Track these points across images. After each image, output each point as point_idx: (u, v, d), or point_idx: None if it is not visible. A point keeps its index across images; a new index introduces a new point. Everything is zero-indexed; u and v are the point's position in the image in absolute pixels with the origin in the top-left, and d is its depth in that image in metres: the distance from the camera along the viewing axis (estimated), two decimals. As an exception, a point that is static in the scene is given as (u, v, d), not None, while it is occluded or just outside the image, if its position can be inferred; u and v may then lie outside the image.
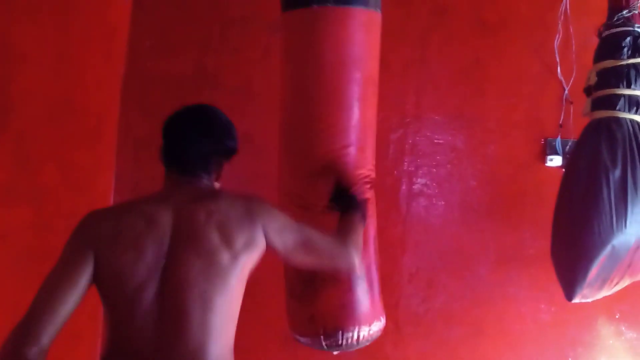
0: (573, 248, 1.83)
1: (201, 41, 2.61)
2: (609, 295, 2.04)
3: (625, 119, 1.77)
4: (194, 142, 1.34)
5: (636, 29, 1.78)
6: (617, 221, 1.75)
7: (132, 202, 1.35)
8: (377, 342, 2.58)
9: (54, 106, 2.07)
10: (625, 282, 1.95)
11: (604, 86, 1.81)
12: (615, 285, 1.93)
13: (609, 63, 1.80)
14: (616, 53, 1.77)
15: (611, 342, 2.59)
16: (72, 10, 2.15)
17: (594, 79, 1.83)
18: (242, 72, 2.60)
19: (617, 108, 1.77)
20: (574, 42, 2.45)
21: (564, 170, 2.06)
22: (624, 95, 1.77)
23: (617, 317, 2.58)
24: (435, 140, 2.60)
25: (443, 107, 2.61)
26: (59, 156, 2.08)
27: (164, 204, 1.28)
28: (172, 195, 1.31)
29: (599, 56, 1.84)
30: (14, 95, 1.87)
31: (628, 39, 1.76)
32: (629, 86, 1.76)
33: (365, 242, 1.58)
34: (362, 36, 1.59)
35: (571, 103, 2.51)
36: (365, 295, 1.59)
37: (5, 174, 1.85)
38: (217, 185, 1.40)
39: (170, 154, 1.35)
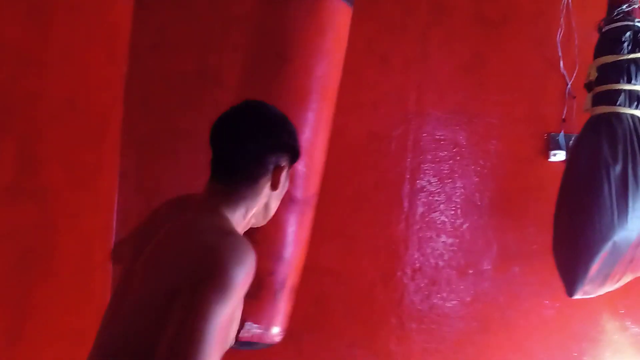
0: (574, 244, 1.83)
1: (203, 39, 2.61)
2: (613, 291, 2.03)
3: (625, 114, 1.76)
4: (226, 141, 1.15)
5: (636, 23, 1.77)
6: (618, 217, 1.74)
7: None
8: (381, 339, 2.61)
9: (57, 106, 2.09)
10: (628, 278, 1.94)
11: (604, 81, 1.80)
12: (617, 282, 1.92)
13: (609, 58, 1.78)
14: (616, 48, 1.76)
15: (616, 337, 2.58)
16: (74, 10, 2.17)
17: (594, 74, 1.82)
18: (244, 69, 2.60)
19: (618, 103, 1.76)
20: (576, 36, 2.43)
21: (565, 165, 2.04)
22: (624, 91, 1.75)
23: (621, 312, 2.57)
24: (437, 137, 2.60)
25: (444, 103, 2.60)
26: (63, 156, 2.10)
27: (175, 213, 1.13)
28: (183, 207, 1.16)
29: (599, 51, 1.83)
30: (18, 96, 1.88)
31: (628, 33, 1.75)
32: (629, 81, 1.75)
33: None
34: (333, 27, 1.64)
35: (574, 97, 2.49)
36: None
37: (10, 173, 1.87)
38: (268, 193, 1.17)
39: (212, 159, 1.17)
